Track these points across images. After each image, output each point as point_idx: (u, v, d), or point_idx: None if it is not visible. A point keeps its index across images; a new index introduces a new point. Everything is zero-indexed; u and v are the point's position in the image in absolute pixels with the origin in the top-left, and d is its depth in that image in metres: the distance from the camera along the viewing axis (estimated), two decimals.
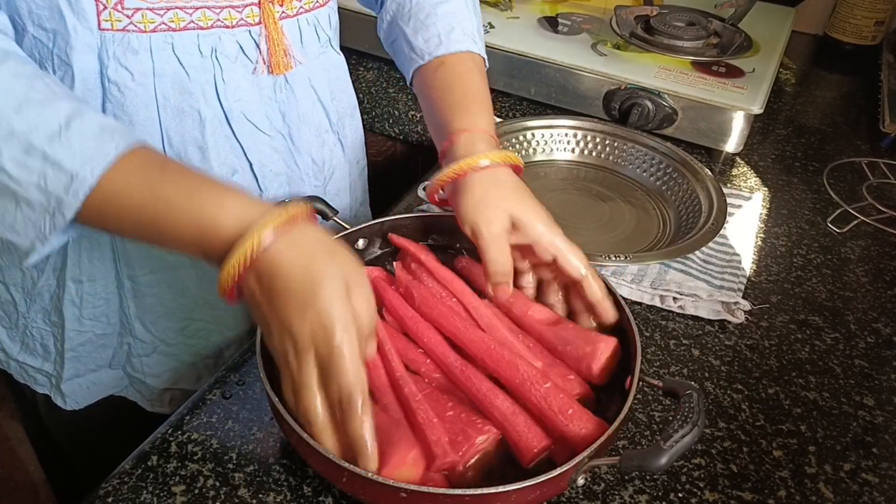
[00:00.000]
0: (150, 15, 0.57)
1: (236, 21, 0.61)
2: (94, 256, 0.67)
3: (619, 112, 0.99)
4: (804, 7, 1.32)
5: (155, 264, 0.68)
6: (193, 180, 0.51)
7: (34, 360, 0.74)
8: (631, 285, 0.74)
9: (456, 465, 0.50)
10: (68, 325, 0.70)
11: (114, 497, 0.53)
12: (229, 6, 0.60)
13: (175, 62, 0.60)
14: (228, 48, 0.62)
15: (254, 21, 0.62)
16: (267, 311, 0.49)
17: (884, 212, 0.89)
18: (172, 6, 0.58)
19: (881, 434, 0.63)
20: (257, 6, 0.62)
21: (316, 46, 0.70)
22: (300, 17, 0.66)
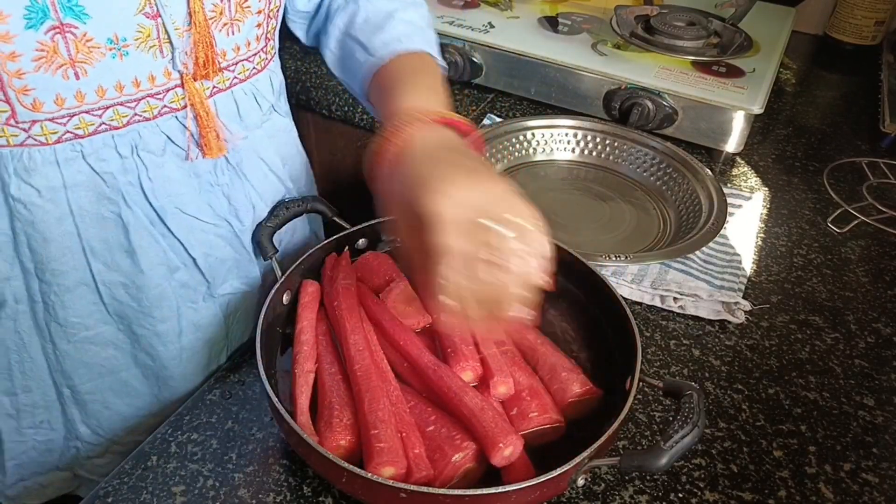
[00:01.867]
0: (51, 125, 0.51)
1: (158, 110, 0.55)
2: (25, 369, 0.63)
3: (620, 112, 0.99)
4: (804, 7, 1.31)
5: (94, 371, 0.64)
6: None
7: None
8: (631, 285, 0.74)
9: (432, 480, 0.50)
10: (6, 437, 0.66)
11: (114, 497, 0.53)
12: (147, 96, 0.54)
13: (88, 170, 0.54)
14: (152, 142, 0.56)
15: (179, 105, 0.56)
16: None
17: (884, 212, 0.89)
18: (76, 111, 0.51)
19: (881, 434, 0.63)
20: (181, 87, 0.55)
21: (257, 115, 0.64)
22: (235, 89, 0.60)
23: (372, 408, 0.52)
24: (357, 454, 0.52)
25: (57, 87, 0.49)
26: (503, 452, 0.50)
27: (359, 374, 0.55)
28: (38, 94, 0.49)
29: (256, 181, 0.65)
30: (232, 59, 0.58)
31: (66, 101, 0.50)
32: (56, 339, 0.62)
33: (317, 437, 0.52)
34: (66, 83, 0.50)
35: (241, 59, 0.60)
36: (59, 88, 0.50)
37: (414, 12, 0.68)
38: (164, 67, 0.53)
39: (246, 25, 0.58)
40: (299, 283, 0.64)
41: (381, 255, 0.68)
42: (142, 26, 0.51)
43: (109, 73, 0.51)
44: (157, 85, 0.54)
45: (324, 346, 0.60)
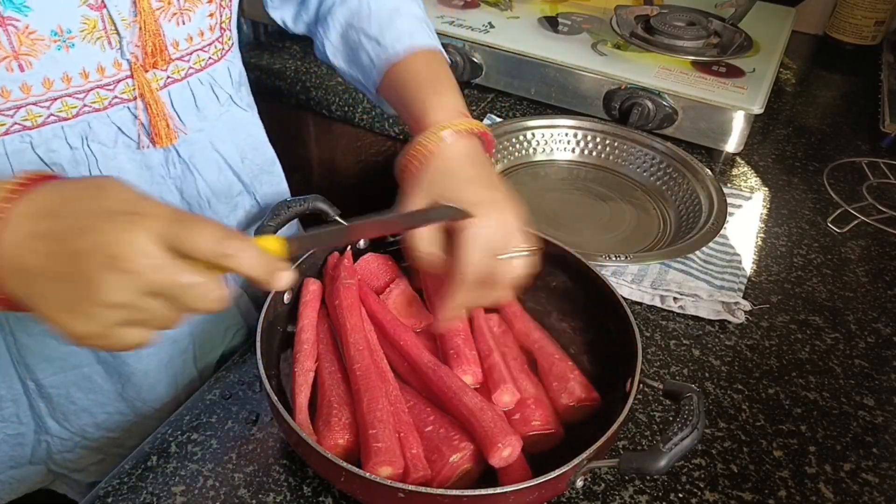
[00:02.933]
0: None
1: (108, 101, 0.54)
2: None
3: (620, 112, 0.99)
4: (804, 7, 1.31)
5: (56, 366, 0.63)
6: None
7: None
8: (631, 285, 0.74)
9: (430, 481, 0.50)
10: None
11: (114, 497, 0.53)
12: (97, 87, 0.53)
13: (38, 161, 0.53)
14: (103, 133, 0.55)
15: (130, 96, 0.55)
16: None
17: (884, 212, 0.89)
18: (23, 103, 0.50)
19: (881, 434, 0.63)
20: (131, 78, 0.55)
21: (215, 107, 0.63)
22: (190, 79, 0.60)
23: (370, 407, 0.52)
24: (355, 453, 0.52)
25: (2, 79, 0.49)
26: (502, 453, 0.50)
27: (358, 373, 0.55)
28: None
29: (210, 175, 0.64)
30: (185, 48, 0.58)
31: (11, 93, 0.50)
32: (16, 333, 0.60)
33: (315, 436, 0.52)
34: (11, 75, 0.49)
35: (195, 49, 0.59)
36: (4, 81, 0.49)
37: (415, 6, 0.69)
38: (113, 58, 0.53)
39: (197, 15, 0.58)
40: (300, 282, 0.64)
41: (382, 256, 0.68)
42: (86, 18, 0.50)
43: (55, 64, 0.50)
44: (107, 76, 0.53)
45: (324, 344, 0.60)
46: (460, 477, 0.52)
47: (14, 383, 0.64)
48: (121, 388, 0.68)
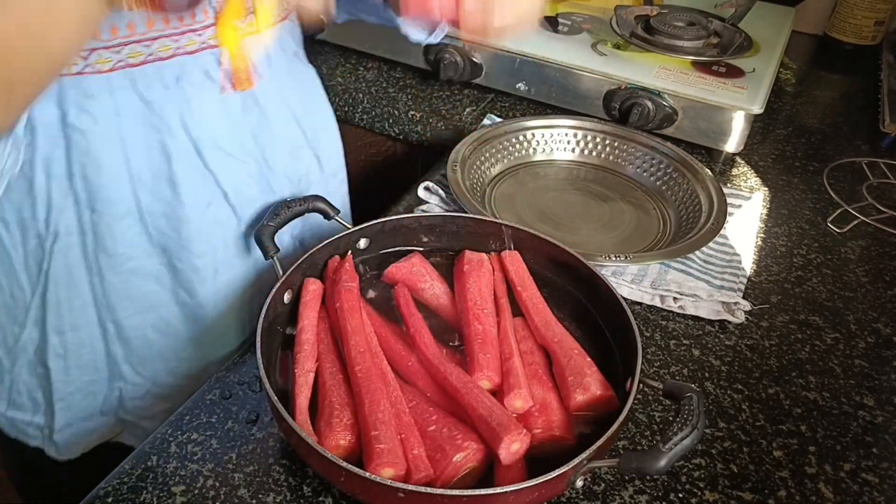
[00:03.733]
0: (107, 54, 0.55)
1: (198, 46, 0.60)
2: (74, 306, 0.66)
3: (619, 112, 0.99)
4: (804, 7, 1.32)
5: (137, 305, 0.67)
6: None
7: (23, 415, 0.73)
8: (631, 285, 0.74)
9: (433, 481, 0.50)
10: (55, 377, 0.69)
11: (114, 497, 0.53)
12: (189, 31, 0.59)
13: (137, 99, 0.58)
14: (193, 75, 0.60)
15: (215, 42, 0.61)
16: None
17: (884, 212, 0.89)
18: (128, 41, 0.55)
19: (881, 434, 0.63)
20: (216, 26, 0.60)
21: (283, 61, 0.69)
22: (263, 33, 0.65)
23: (372, 409, 0.52)
24: (357, 454, 0.52)
25: (111, 17, 0.53)
26: (511, 447, 0.51)
27: (359, 375, 0.55)
28: None
29: (278, 125, 0.69)
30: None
31: (119, 30, 0.55)
32: (104, 272, 0.64)
33: (316, 436, 0.52)
34: (120, 14, 0.53)
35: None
36: (113, 18, 0.54)
37: None
38: (203, 6, 0.58)
39: None
40: (300, 282, 0.64)
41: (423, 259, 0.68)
42: None
43: None
44: (198, 22, 0.59)
45: (325, 345, 0.60)
46: (464, 476, 0.52)
47: (94, 329, 0.68)
48: (196, 333, 0.71)
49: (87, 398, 0.71)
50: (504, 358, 0.58)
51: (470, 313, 0.61)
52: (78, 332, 0.67)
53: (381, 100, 1.07)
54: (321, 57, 1.16)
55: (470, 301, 0.62)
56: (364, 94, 1.08)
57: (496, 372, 0.57)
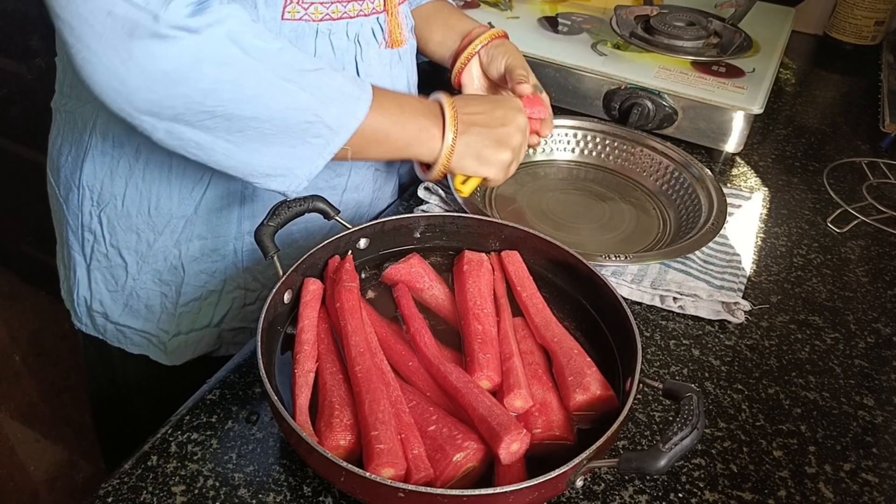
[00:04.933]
0: (321, 8, 0.69)
1: (371, 10, 0.73)
2: (221, 215, 0.75)
3: (619, 112, 0.99)
4: (804, 7, 1.32)
5: None
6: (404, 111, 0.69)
7: (135, 322, 0.80)
8: (631, 285, 0.74)
9: (433, 480, 0.50)
10: (187, 282, 0.77)
11: (114, 497, 0.53)
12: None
13: (328, 46, 0.70)
14: (366, 32, 0.74)
15: (380, 9, 0.75)
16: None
17: (884, 212, 0.89)
18: (335, 0, 0.69)
19: (881, 434, 0.63)
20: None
21: (409, 32, 0.82)
22: (403, 5, 0.79)
23: (372, 409, 0.52)
24: (357, 454, 0.52)
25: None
26: (511, 447, 0.50)
27: (359, 375, 0.55)
28: None
29: (402, 83, 0.82)
30: None
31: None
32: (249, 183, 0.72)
33: (316, 436, 0.52)
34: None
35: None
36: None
37: None
38: None
39: None
40: (300, 282, 0.64)
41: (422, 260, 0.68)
42: None
43: None
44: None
45: (325, 345, 0.60)
46: (463, 476, 0.52)
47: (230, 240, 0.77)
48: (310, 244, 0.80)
49: (204, 307, 0.79)
50: (504, 358, 0.58)
51: (470, 313, 0.61)
52: (218, 239, 0.76)
53: None
54: None
55: (470, 301, 0.63)
56: None
57: (496, 371, 0.57)
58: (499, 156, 0.72)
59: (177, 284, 0.78)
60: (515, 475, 0.51)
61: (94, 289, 0.80)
